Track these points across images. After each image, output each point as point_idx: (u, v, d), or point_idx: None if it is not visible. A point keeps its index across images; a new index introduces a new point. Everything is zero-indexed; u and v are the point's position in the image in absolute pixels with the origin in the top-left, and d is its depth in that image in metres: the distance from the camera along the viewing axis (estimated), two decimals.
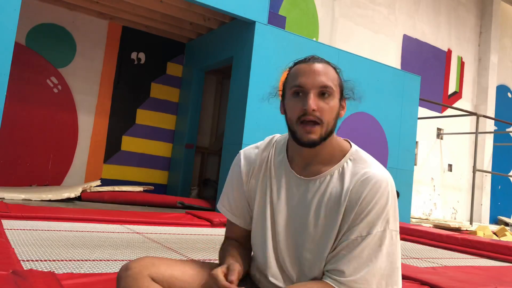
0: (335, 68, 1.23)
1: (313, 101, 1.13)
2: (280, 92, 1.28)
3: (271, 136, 1.36)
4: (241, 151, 1.36)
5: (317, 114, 1.14)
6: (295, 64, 1.24)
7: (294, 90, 1.18)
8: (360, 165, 1.19)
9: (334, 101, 1.17)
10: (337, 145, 1.23)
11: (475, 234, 6.37)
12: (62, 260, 2.11)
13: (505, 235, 6.73)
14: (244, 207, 1.33)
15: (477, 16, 10.65)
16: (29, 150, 5.53)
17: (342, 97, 1.22)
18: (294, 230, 1.23)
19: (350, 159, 1.21)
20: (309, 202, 1.21)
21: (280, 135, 1.35)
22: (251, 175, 1.31)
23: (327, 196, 1.19)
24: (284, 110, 1.24)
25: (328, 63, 1.22)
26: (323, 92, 1.16)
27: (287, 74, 1.25)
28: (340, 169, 1.20)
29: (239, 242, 1.35)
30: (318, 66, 1.18)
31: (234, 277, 1.09)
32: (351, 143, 1.27)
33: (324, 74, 1.16)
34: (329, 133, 1.18)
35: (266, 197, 1.27)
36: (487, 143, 10.32)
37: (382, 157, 6.31)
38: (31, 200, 4.43)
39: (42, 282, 1.52)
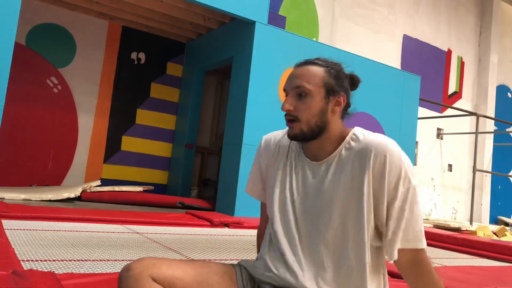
0: (327, 67, 1.28)
1: (286, 103, 1.26)
2: None
3: None
4: (264, 136, 1.47)
5: (293, 113, 1.26)
6: None
7: (285, 93, 1.32)
8: (366, 138, 1.25)
9: (314, 100, 1.25)
10: (340, 132, 1.30)
11: (475, 234, 6.37)
12: (62, 260, 2.11)
13: (505, 235, 6.73)
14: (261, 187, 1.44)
15: (477, 16, 10.64)
16: (29, 150, 5.52)
17: (332, 94, 1.27)
18: (310, 214, 1.27)
19: (354, 135, 1.27)
20: (325, 185, 1.26)
21: None
22: (270, 157, 1.40)
23: (342, 177, 1.24)
24: None
25: (315, 63, 1.28)
26: (299, 93, 1.26)
27: None
28: (347, 145, 1.26)
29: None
30: (298, 70, 1.29)
31: None
32: (356, 127, 1.32)
33: (300, 76, 1.27)
34: (315, 128, 1.25)
35: (286, 182, 1.33)
36: (487, 143, 10.31)
37: None
38: (31, 200, 4.42)
39: (42, 282, 1.52)
